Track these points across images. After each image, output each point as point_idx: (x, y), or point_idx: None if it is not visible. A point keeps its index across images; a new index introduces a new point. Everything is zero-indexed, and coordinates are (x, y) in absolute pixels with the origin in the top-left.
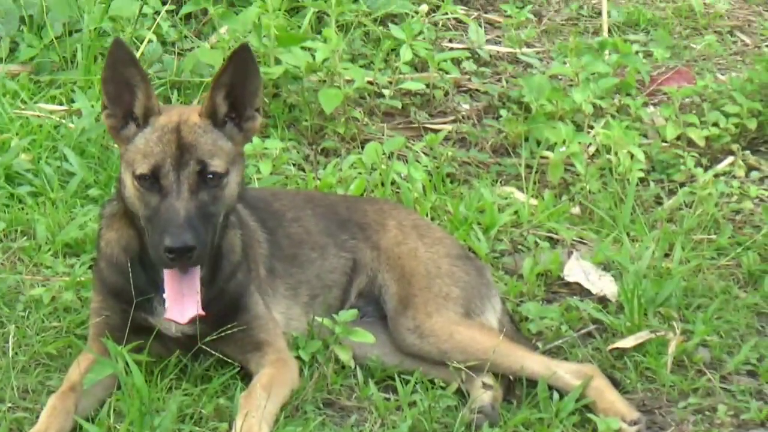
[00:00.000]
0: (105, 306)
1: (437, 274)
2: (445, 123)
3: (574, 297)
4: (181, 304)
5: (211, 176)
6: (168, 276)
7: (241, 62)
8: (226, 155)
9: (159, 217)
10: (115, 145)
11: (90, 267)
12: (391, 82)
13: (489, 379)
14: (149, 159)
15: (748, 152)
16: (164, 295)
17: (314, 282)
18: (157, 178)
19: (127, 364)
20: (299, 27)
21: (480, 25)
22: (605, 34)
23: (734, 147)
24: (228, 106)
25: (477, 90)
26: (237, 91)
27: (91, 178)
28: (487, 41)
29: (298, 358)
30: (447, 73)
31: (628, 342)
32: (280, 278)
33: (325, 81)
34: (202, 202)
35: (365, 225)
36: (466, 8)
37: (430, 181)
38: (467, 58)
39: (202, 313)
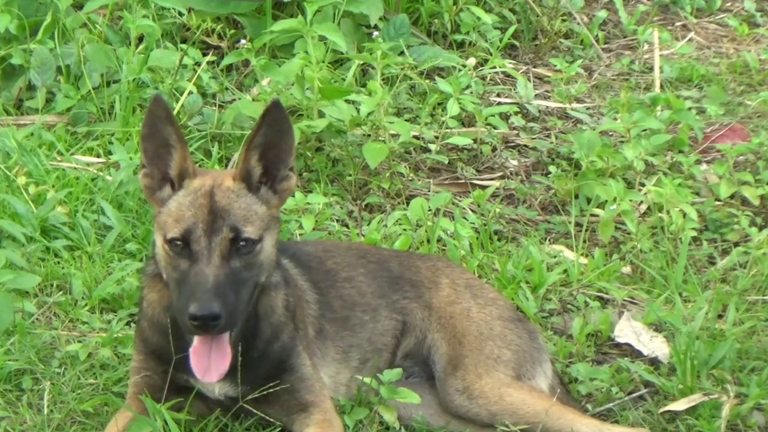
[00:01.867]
0: (146, 366)
1: (489, 336)
2: (492, 179)
3: (625, 358)
4: (207, 361)
5: (243, 243)
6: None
7: (274, 121)
8: (260, 220)
9: (188, 281)
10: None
11: (128, 323)
12: (437, 137)
13: None
14: (181, 224)
15: None
16: (190, 351)
17: (365, 346)
18: (188, 243)
19: (165, 422)
20: (343, 80)
21: (529, 80)
22: (657, 89)
23: None
24: (262, 168)
25: (525, 146)
26: (271, 151)
27: (128, 232)
28: (536, 96)
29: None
30: (495, 128)
31: (680, 405)
32: (330, 340)
33: (369, 135)
34: (233, 269)
35: (418, 282)
36: (514, 62)
37: (477, 238)
38: (516, 113)
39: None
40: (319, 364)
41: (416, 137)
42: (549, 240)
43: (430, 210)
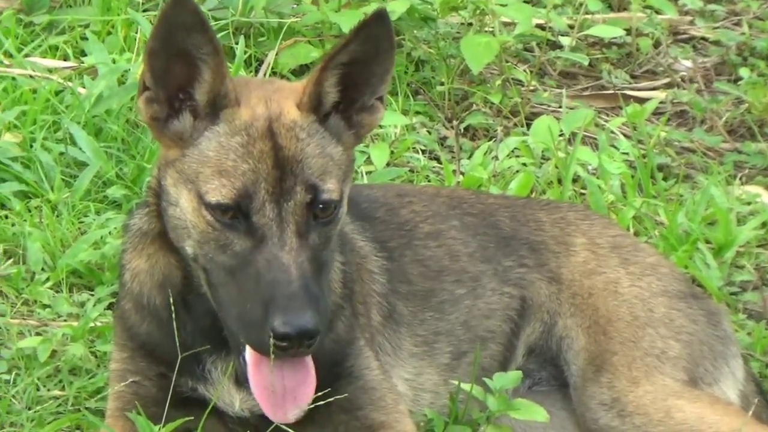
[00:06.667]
0: (133, 368)
1: (648, 321)
2: (655, 88)
3: None
4: (281, 390)
5: (322, 207)
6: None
7: (372, 37)
8: (338, 170)
9: (256, 275)
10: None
11: (110, 306)
12: (572, 27)
13: None
14: (232, 180)
15: None
16: (249, 373)
17: (460, 333)
18: (246, 213)
19: None
20: None
21: None
22: None
23: None
24: (339, 92)
25: (704, 39)
26: (357, 71)
27: (110, 170)
28: None
29: None
30: (658, 12)
31: None
32: (405, 327)
33: (471, 24)
34: (313, 249)
35: (539, 244)
36: None
37: (632, 176)
38: None
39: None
40: (389, 364)
41: (541, 27)
42: (740, 179)
43: (562, 135)
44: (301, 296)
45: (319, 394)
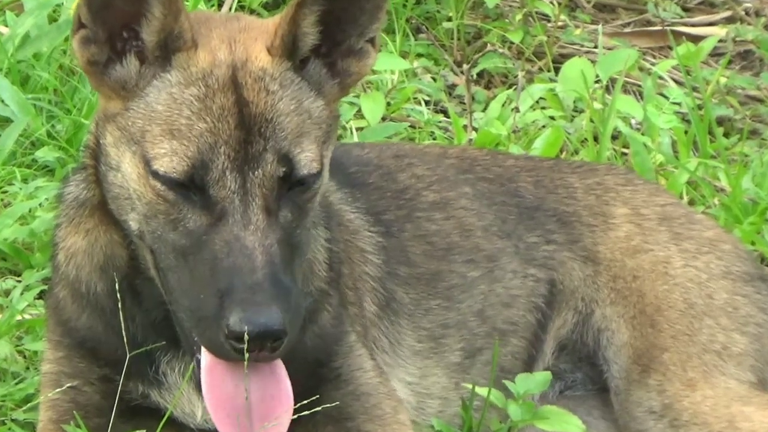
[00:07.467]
0: (69, 370)
1: (707, 310)
2: (712, 24)
3: None
4: (243, 412)
5: (299, 181)
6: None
7: None
8: (317, 129)
9: (212, 259)
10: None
11: (41, 295)
12: None
13: None
14: (185, 143)
15: None
16: (204, 385)
17: (473, 325)
18: (201, 185)
19: None
20: None
21: None
22: None
23: None
24: (319, 32)
25: None
26: (342, 6)
27: (40, 127)
28: None
29: None
30: None
31: None
32: (407, 318)
33: None
34: (285, 229)
35: (570, 216)
36: None
37: (685, 132)
38: None
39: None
40: (388, 363)
41: None
42: None
43: (598, 81)
44: (266, 288)
45: (303, 402)
